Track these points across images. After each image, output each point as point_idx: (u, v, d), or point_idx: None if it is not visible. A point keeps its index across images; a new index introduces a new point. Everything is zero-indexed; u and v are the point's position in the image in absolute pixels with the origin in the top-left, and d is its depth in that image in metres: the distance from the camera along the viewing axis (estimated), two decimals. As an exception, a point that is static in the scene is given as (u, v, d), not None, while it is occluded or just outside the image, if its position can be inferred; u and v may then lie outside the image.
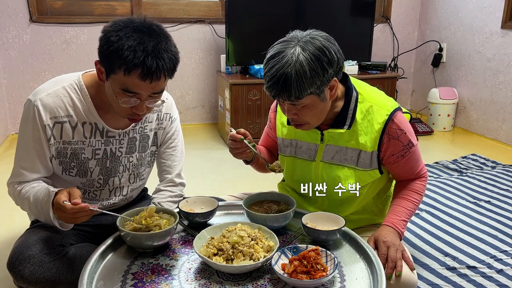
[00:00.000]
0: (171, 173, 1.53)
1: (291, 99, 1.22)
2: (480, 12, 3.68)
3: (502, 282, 1.73)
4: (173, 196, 1.50)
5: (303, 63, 1.17)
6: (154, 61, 1.13)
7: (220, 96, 3.66)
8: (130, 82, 1.15)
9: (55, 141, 1.30)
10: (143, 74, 1.14)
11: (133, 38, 1.13)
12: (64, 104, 1.29)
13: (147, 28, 1.16)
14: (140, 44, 1.13)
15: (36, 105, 1.26)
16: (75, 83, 1.30)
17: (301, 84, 1.18)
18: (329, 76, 1.22)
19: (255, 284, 1.09)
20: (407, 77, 4.49)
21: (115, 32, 1.14)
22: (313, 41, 1.20)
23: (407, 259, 1.29)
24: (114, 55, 1.13)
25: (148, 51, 1.13)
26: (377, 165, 1.38)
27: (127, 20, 1.18)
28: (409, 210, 1.42)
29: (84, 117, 1.31)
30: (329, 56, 1.20)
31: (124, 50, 1.12)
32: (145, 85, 1.16)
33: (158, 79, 1.17)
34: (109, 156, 1.39)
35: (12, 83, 3.54)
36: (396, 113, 1.35)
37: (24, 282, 1.23)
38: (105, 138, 1.36)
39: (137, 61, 1.12)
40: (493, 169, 2.97)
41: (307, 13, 3.55)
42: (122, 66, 1.13)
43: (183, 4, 3.79)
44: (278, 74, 1.18)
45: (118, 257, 1.21)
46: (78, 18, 3.55)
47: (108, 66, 1.17)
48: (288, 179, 1.57)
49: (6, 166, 1.24)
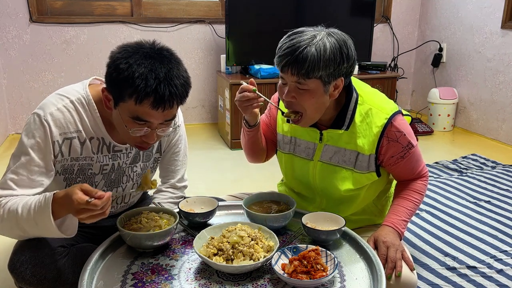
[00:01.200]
0: (174, 177, 1.52)
1: (301, 73, 1.20)
2: (480, 12, 3.68)
3: (502, 282, 1.73)
4: (174, 198, 1.50)
5: (326, 45, 1.19)
6: (167, 88, 1.09)
7: (220, 96, 3.67)
8: (141, 110, 1.11)
9: (63, 158, 1.24)
10: (155, 103, 1.09)
11: (144, 65, 1.09)
12: (74, 119, 1.23)
13: (158, 54, 1.12)
14: (151, 72, 1.09)
15: (47, 120, 1.19)
16: (82, 97, 1.25)
17: (317, 62, 1.18)
18: (341, 70, 1.23)
19: (255, 284, 1.09)
20: (407, 77, 4.49)
21: (125, 59, 1.10)
22: (338, 32, 1.24)
23: (407, 259, 1.29)
24: (124, 83, 1.09)
25: (160, 78, 1.09)
26: (375, 168, 1.38)
27: (136, 45, 1.14)
28: (410, 210, 1.42)
29: (91, 132, 1.26)
30: (350, 50, 1.23)
31: (135, 78, 1.08)
32: (157, 113, 1.12)
33: (170, 107, 1.12)
34: (115, 170, 1.36)
35: (12, 83, 3.54)
36: (395, 116, 1.35)
37: (26, 283, 1.22)
38: (112, 153, 1.32)
39: (149, 90, 1.08)
40: (493, 169, 2.97)
41: (307, 13, 3.55)
42: (133, 95, 1.09)
43: (183, 4, 3.79)
44: (297, 45, 1.19)
45: (118, 257, 1.21)
46: (78, 18, 3.55)
47: (118, 94, 1.12)
48: (287, 177, 1.57)
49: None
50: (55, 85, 3.59)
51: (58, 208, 1.08)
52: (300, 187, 1.53)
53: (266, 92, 3.19)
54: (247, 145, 1.53)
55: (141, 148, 1.23)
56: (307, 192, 1.52)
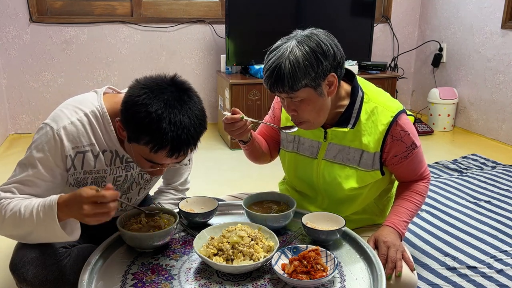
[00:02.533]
0: (178, 180, 1.53)
1: (286, 90, 1.22)
2: (480, 12, 3.68)
3: (502, 282, 1.73)
4: (175, 199, 1.50)
5: (297, 54, 1.19)
6: (184, 141, 1.09)
7: (220, 96, 3.66)
8: (155, 157, 1.13)
9: (75, 171, 1.24)
10: (170, 153, 1.10)
11: (163, 116, 1.06)
12: (87, 132, 1.22)
13: (178, 100, 1.10)
14: (170, 125, 1.06)
15: (59, 134, 1.18)
16: (97, 110, 1.23)
17: (295, 73, 1.19)
18: (324, 69, 1.22)
19: (255, 284, 1.09)
20: (407, 77, 4.49)
21: (144, 107, 1.07)
22: (310, 36, 1.23)
23: (407, 260, 1.29)
24: (141, 132, 1.08)
25: (178, 132, 1.08)
26: (379, 166, 1.38)
27: (157, 87, 1.10)
28: (411, 211, 1.42)
29: (105, 145, 1.25)
30: (324, 48, 1.21)
31: (153, 130, 1.06)
32: (170, 159, 1.14)
33: (185, 155, 1.15)
34: (128, 180, 1.37)
35: (12, 83, 3.54)
36: (400, 115, 1.35)
37: (27, 284, 1.21)
38: (124, 164, 1.32)
39: (166, 143, 1.08)
40: (493, 169, 2.97)
41: (307, 13, 3.55)
42: (149, 144, 1.09)
43: (183, 4, 3.79)
44: (273, 65, 1.21)
45: (118, 257, 1.21)
46: (78, 18, 3.55)
47: (133, 136, 1.12)
48: (290, 176, 1.56)
49: (6, 167, 1.23)
50: (55, 85, 3.59)
51: (62, 210, 1.08)
52: (302, 186, 1.53)
53: (266, 92, 3.19)
54: (248, 155, 1.56)
55: (152, 174, 1.24)
56: (309, 191, 1.52)
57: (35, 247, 1.23)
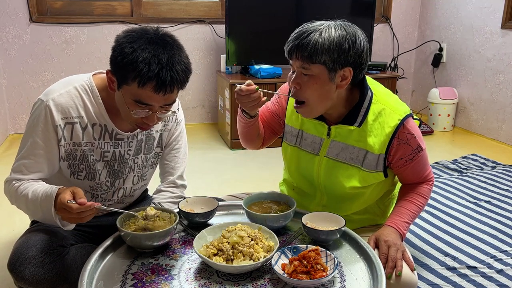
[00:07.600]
0: (173, 174, 1.53)
1: (304, 56, 1.23)
2: (480, 12, 3.68)
3: (502, 282, 1.73)
4: (174, 197, 1.50)
5: (332, 32, 1.24)
6: (168, 74, 1.14)
7: (220, 96, 3.66)
8: (143, 94, 1.17)
9: (65, 143, 1.29)
10: (157, 87, 1.15)
11: (147, 50, 1.14)
12: (76, 104, 1.28)
13: (161, 40, 1.17)
14: (154, 57, 1.13)
15: (48, 105, 1.25)
16: (86, 84, 1.30)
17: (321, 46, 1.22)
18: (347, 58, 1.24)
19: (255, 284, 1.09)
20: (407, 77, 4.49)
21: (129, 44, 1.15)
22: (351, 25, 1.28)
23: (408, 260, 1.29)
24: (128, 67, 1.14)
25: (163, 64, 1.14)
26: (383, 168, 1.38)
27: (141, 30, 1.19)
28: (413, 212, 1.42)
29: (94, 118, 1.31)
30: (357, 41, 1.25)
31: (138, 62, 1.13)
32: (158, 97, 1.17)
33: (171, 92, 1.18)
34: (117, 159, 1.39)
35: (12, 83, 3.54)
36: (407, 119, 1.36)
37: (25, 283, 1.22)
38: (113, 140, 1.36)
39: (151, 74, 1.13)
40: (493, 169, 2.97)
41: (307, 13, 3.55)
42: (136, 78, 1.14)
43: (183, 4, 3.79)
44: (303, 31, 1.25)
45: (118, 257, 1.21)
46: (78, 18, 3.55)
47: (121, 77, 1.17)
48: (290, 170, 1.55)
49: (6, 166, 1.24)
50: (55, 85, 3.59)
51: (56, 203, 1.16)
52: (301, 181, 1.52)
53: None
54: (243, 132, 1.54)
55: (142, 128, 1.29)
56: (308, 188, 1.51)
57: (33, 246, 1.25)
